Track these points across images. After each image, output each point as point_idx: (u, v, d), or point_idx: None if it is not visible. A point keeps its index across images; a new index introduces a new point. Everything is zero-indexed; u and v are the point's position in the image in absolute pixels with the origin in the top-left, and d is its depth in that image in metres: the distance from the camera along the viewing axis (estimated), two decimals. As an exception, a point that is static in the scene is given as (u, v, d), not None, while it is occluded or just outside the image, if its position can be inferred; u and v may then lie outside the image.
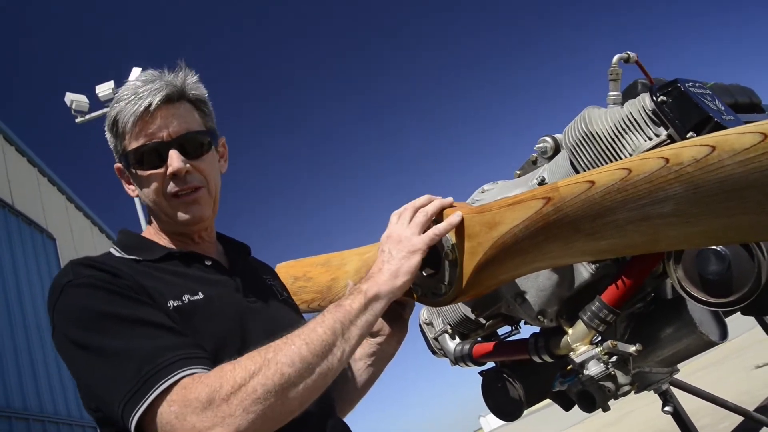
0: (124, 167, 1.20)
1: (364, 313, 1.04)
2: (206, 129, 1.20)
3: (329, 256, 1.72)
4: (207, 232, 1.24)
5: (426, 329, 1.78)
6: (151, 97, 1.11)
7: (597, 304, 1.24)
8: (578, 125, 1.22)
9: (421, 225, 1.15)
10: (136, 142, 1.14)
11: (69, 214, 12.88)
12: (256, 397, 0.87)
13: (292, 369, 0.91)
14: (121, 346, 0.93)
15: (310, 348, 0.94)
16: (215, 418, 0.86)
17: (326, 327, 0.98)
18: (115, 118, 1.15)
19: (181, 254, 1.17)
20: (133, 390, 0.89)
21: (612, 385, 1.24)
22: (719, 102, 1.16)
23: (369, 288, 1.06)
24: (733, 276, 1.02)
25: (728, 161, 0.81)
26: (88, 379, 0.98)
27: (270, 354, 0.92)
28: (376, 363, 1.38)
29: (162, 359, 0.91)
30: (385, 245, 1.15)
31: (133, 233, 1.23)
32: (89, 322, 0.96)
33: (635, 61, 1.26)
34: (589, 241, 1.01)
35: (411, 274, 1.11)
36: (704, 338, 1.27)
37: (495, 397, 1.71)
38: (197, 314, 1.05)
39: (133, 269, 1.08)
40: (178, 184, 1.14)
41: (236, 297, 1.15)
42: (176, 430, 0.87)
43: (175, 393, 0.88)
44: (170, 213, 1.16)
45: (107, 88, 13.96)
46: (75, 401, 9.95)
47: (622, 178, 0.91)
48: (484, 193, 1.48)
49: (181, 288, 1.08)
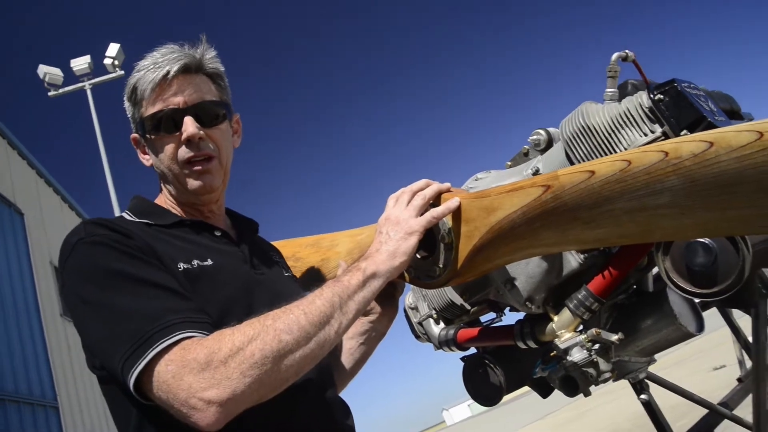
0: (140, 134, 1.22)
1: (361, 290, 1.06)
2: (221, 101, 1.24)
3: (319, 237, 1.73)
4: (217, 206, 1.27)
5: (411, 314, 1.81)
6: (170, 65, 1.15)
7: (583, 293, 1.29)
8: (576, 119, 1.26)
9: (419, 208, 1.18)
10: (153, 108, 1.17)
11: (39, 190, 12.59)
12: (254, 361, 0.89)
13: (290, 336, 0.93)
14: (125, 305, 0.95)
15: (308, 318, 0.96)
16: (212, 379, 0.87)
17: (324, 299, 1.00)
18: (134, 86, 1.18)
19: (192, 222, 1.20)
20: (133, 348, 0.90)
21: (594, 372, 1.29)
22: (711, 103, 1.21)
23: (368, 266, 1.09)
24: (719, 268, 1.08)
25: (725, 157, 0.85)
26: (91, 335, 0.99)
27: (269, 321, 0.94)
28: (368, 341, 1.42)
29: (164, 320, 0.92)
30: (383, 227, 1.17)
31: (146, 199, 1.26)
32: (97, 280, 0.98)
33: (633, 60, 1.30)
34: (585, 230, 1.05)
35: (408, 255, 1.13)
36: (683, 330, 1.32)
37: (476, 383, 1.75)
38: (205, 279, 1.07)
39: (144, 232, 1.10)
40: (191, 149, 1.17)
41: (244, 267, 1.18)
42: (172, 389, 0.88)
43: (174, 353, 0.90)
44: (182, 180, 1.19)
45: (83, 62, 13.66)
46: (37, 380, 9.78)
47: (622, 169, 0.95)
48: (477, 181, 1.51)
49: (190, 253, 1.10)
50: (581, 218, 1.03)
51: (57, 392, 10.20)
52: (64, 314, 11.65)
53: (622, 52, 1.31)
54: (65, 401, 10.42)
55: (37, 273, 10.92)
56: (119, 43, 13.87)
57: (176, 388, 0.88)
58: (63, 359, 11.00)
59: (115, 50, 13.76)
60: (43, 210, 12.34)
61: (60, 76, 13.57)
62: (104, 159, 12.70)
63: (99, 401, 12.14)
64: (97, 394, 12.13)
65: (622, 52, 1.30)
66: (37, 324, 10.38)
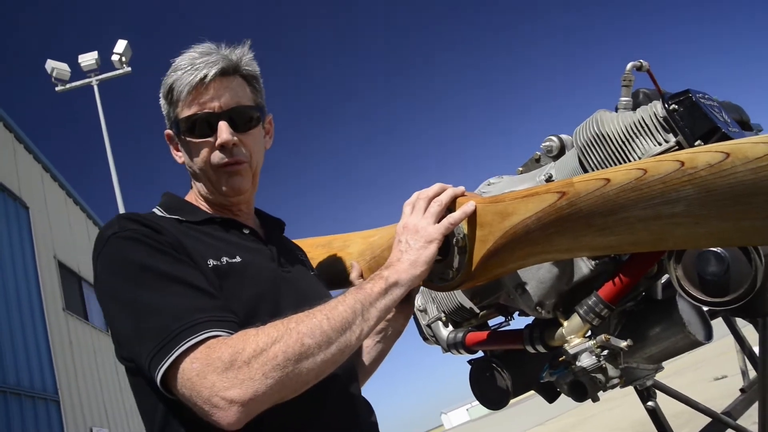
0: (175, 134, 1.25)
1: (383, 298, 1.08)
2: (256, 105, 1.26)
3: (331, 237, 1.75)
4: (246, 205, 1.30)
5: (419, 316, 1.83)
6: (207, 68, 1.16)
7: (593, 299, 1.30)
8: (590, 126, 1.27)
9: (437, 215, 1.19)
10: (189, 110, 1.19)
11: (44, 184, 12.62)
12: (276, 363, 0.91)
13: (312, 340, 0.95)
14: (155, 301, 0.97)
15: (330, 323, 0.98)
16: (235, 379, 0.89)
17: (347, 305, 1.02)
18: (171, 86, 1.20)
19: (221, 220, 1.23)
20: (160, 344, 0.92)
21: (602, 377, 1.30)
22: (726, 114, 1.22)
23: (390, 275, 1.11)
24: (731, 278, 1.09)
25: (741, 168, 0.86)
26: (121, 328, 1.01)
27: (292, 324, 0.96)
28: (385, 340, 1.44)
29: (191, 318, 0.94)
30: (402, 235, 1.19)
31: (176, 196, 1.29)
32: (129, 274, 1.00)
33: (647, 70, 1.32)
34: (598, 236, 1.06)
35: (429, 264, 1.15)
36: (691, 338, 1.33)
37: (482, 386, 1.76)
38: (234, 276, 1.09)
39: (175, 228, 1.12)
40: (225, 154, 1.19)
41: (272, 265, 1.20)
42: (196, 387, 0.90)
43: (200, 351, 0.91)
44: (214, 182, 1.22)
45: (90, 58, 13.74)
46: (39, 374, 9.80)
47: (638, 178, 0.96)
48: (490, 186, 1.52)
49: (219, 250, 1.13)
50: (595, 225, 1.04)
51: (58, 386, 10.22)
52: (66, 309, 11.69)
53: (637, 62, 1.32)
54: (66, 395, 10.44)
55: (41, 267, 10.95)
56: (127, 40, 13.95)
57: (200, 385, 0.89)
58: (65, 353, 11.04)
59: (123, 47, 13.84)
60: (48, 204, 12.38)
61: (67, 72, 13.65)
62: (109, 154, 12.76)
63: (100, 396, 12.18)
64: (98, 389, 12.16)
65: (636, 62, 1.32)
66: (40, 318, 10.41)
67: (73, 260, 12.83)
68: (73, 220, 13.99)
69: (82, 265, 13.23)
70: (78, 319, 12.29)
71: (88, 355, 12.32)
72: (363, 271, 1.48)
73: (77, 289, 12.94)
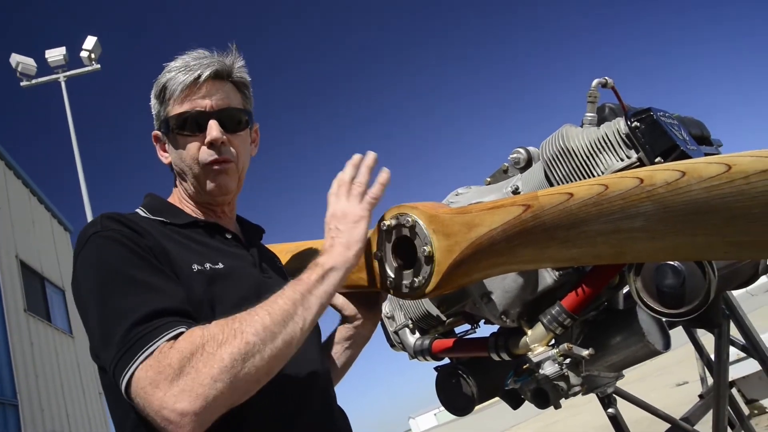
0: (164, 132, 1.27)
1: (321, 284, 1.09)
2: (245, 109, 1.29)
3: (300, 243, 1.75)
4: (229, 208, 1.32)
5: (387, 322, 1.84)
6: (202, 69, 1.20)
7: (557, 309, 1.33)
8: (556, 141, 1.31)
9: (360, 195, 1.22)
10: (180, 108, 1.22)
11: (7, 182, 12.30)
12: (224, 365, 0.90)
13: (256, 337, 0.95)
14: (122, 305, 0.97)
15: (272, 317, 0.98)
16: (185, 388, 0.88)
17: (286, 298, 1.03)
18: (164, 85, 1.23)
19: (205, 224, 1.24)
20: (121, 352, 0.93)
21: (565, 385, 1.33)
22: (684, 132, 1.26)
23: (325, 261, 1.12)
24: (686, 290, 1.13)
25: (695, 186, 0.90)
26: (91, 329, 1.02)
27: (236, 324, 0.96)
28: (353, 346, 1.46)
29: (151, 323, 0.94)
30: (330, 223, 1.20)
31: (159, 197, 1.30)
32: (104, 276, 1.01)
33: (611, 87, 1.36)
34: (561, 249, 1.09)
35: (362, 242, 1.18)
36: (650, 347, 1.38)
37: (448, 392, 1.78)
38: (218, 282, 1.11)
39: (158, 231, 1.13)
40: (213, 152, 1.22)
41: (254, 271, 1.22)
42: (148, 398, 0.89)
43: (153, 358, 0.91)
44: (200, 180, 1.23)
45: (58, 54, 13.46)
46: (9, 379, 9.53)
47: (599, 193, 0.99)
48: (458, 196, 1.55)
49: (203, 256, 1.14)
50: (558, 238, 1.07)
51: (17, 390, 9.94)
52: (28, 309, 11.39)
53: (602, 79, 1.36)
54: (25, 399, 10.16)
55: (1, 266, 10.66)
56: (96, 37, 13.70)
57: (151, 396, 0.88)
58: (25, 356, 10.74)
59: (92, 43, 13.59)
60: (10, 202, 12.06)
61: (33, 67, 13.35)
62: (76, 152, 12.50)
63: (61, 400, 11.87)
64: (59, 393, 11.85)
65: (602, 79, 1.36)
66: (0, 319, 10.12)
67: (35, 260, 12.51)
68: (36, 219, 13.64)
69: (45, 265, 12.91)
70: (40, 321, 11.98)
71: (50, 357, 12.01)
72: None
73: (40, 289, 12.61)
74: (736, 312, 1.81)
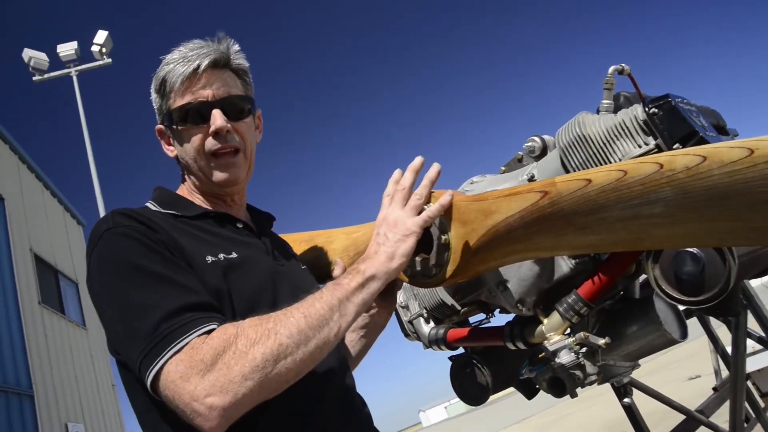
0: (167, 126, 1.26)
1: (360, 292, 1.08)
2: (247, 96, 1.27)
3: (314, 233, 1.75)
4: (239, 196, 1.30)
5: (401, 312, 1.84)
6: (200, 60, 1.19)
7: (573, 297, 1.33)
8: (572, 128, 1.30)
9: (416, 208, 1.19)
10: (182, 100, 1.20)
11: (21, 175, 12.41)
12: (256, 365, 0.91)
13: (290, 340, 0.95)
14: (145, 300, 0.97)
15: (308, 321, 0.98)
16: (216, 383, 0.89)
17: (324, 302, 1.02)
18: (163, 78, 1.21)
19: (216, 214, 1.23)
20: (150, 346, 0.93)
21: (581, 374, 1.33)
22: (703, 119, 1.25)
23: (366, 268, 1.11)
24: (706, 277, 1.12)
25: (716, 171, 0.89)
26: (112, 326, 1.01)
27: (270, 324, 0.96)
28: (368, 334, 1.46)
29: (180, 318, 0.94)
30: (380, 228, 1.18)
31: (169, 190, 1.29)
32: (121, 272, 1.00)
33: (628, 74, 1.34)
34: (579, 236, 1.08)
35: (406, 257, 1.15)
36: (667, 336, 1.37)
37: (463, 382, 1.78)
38: (232, 272, 1.10)
39: (170, 224, 1.12)
40: (219, 141, 1.21)
41: (266, 259, 1.21)
42: (178, 391, 0.90)
43: (184, 353, 0.92)
44: (207, 172, 1.22)
45: (70, 48, 13.53)
46: (12, 368, 9.65)
47: (618, 179, 0.98)
48: (473, 185, 1.55)
49: (216, 246, 1.13)
50: (576, 224, 1.06)
51: (32, 381, 10.07)
52: (42, 302, 11.51)
53: (618, 66, 1.35)
54: (41, 390, 10.29)
55: (16, 260, 10.77)
56: (107, 31, 13.76)
57: (182, 389, 0.89)
58: (40, 348, 10.87)
59: (103, 37, 13.66)
60: (24, 196, 12.18)
61: (45, 61, 13.43)
62: (88, 146, 12.58)
63: (75, 391, 12.01)
64: (73, 384, 11.99)
65: (618, 66, 1.34)
66: (15, 311, 10.24)
67: (49, 253, 12.63)
68: (50, 213, 13.76)
69: (59, 258, 13.03)
70: (54, 313, 12.11)
71: (64, 349, 12.15)
72: (346, 267, 1.49)
73: (54, 282, 12.74)
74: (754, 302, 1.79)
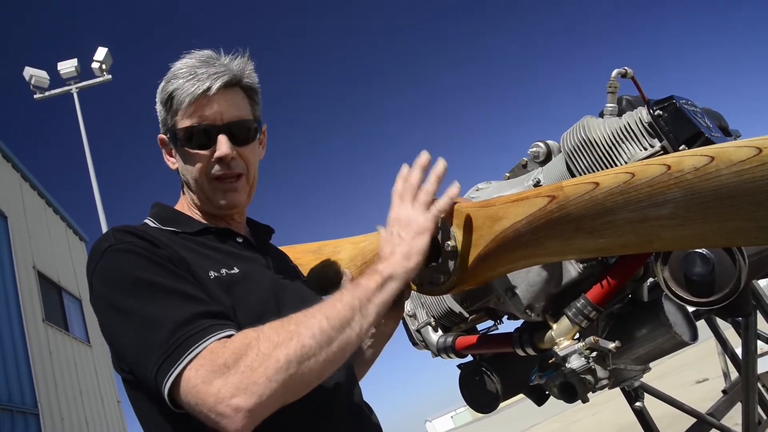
0: (170, 141, 1.24)
1: (380, 292, 1.07)
2: (254, 118, 1.25)
3: (321, 243, 1.75)
4: (239, 215, 1.29)
5: (409, 321, 1.84)
6: (211, 81, 1.15)
7: (582, 302, 1.32)
8: (577, 132, 1.30)
9: (426, 204, 1.19)
10: (189, 120, 1.18)
11: (23, 193, 12.43)
12: (279, 366, 0.90)
13: (313, 341, 0.94)
14: (156, 312, 0.96)
15: (330, 322, 0.98)
16: (240, 385, 0.88)
17: (345, 303, 1.02)
18: (171, 93, 1.18)
19: (216, 230, 1.22)
20: (165, 355, 0.91)
21: (592, 379, 1.32)
22: (708, 120, 1.25)
23: (384, 269, 1.10)
24: (716, 278, 1.12)
25: (725, 171, 0.89)
26: (121, 342, 1.00)
27: (292, 326, 0.96)
28: (376, 344, 1.45)
29: (194, 325, 0.94)
30: (393, 227, 1.18)
31: (167, 206, 1.27)
32: (127, 287, 0.99)
33: (631, 77, 1.35)
34: (587, 239, 1.08)
35: (422, 254, 1.15)
36: (677, 338, 1.36)
37: (472, 390, 1.77)
38: (236, 287, 1.09)
39: (171, 240, 1.11)
40: (222, 168, 1.19)
41: (268, 273, 1.20)
42: (201, 395, 0.89)
43: (203, 357, 0.91)
44: (209, 195, 1.21)
45: (70, 65, 13.62)
46: (17, 386, 9.61)
47: (626, 181, 0.98)
48: (479, 191, 1.55)
49: (218, 262, 1.12)
50: (584, 228, 1.06)
51: (38, 399, 10.03)
52: (46, 319, 11.50)
53: (622, 69, 1.35)
54: (46, 408, 10.24)
55: (19, 277, 10.76)
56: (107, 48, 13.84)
57: (205, 393, 0.88)
58: (45, 365, 10.84)
59: (103, 54, 13.74)
60: (27, 213, 12.18)
61: (46, 79, 13.52)
62: (90, 163, 12.63)
63: (80, 408, 11.96)
64: (78, 402, 11.95)
65: (621, 69, 1.35)
66: (19, 329, 10.21)
67: (52, 270, 12.63)
68: (52, 230, 13.77)
69: (62, 275, 13.02)
70: (58, 330, 12.08)
71: (69, 367, 12.11)
72: (354, 277, 1.48)
73: (57, 299, 12.72)
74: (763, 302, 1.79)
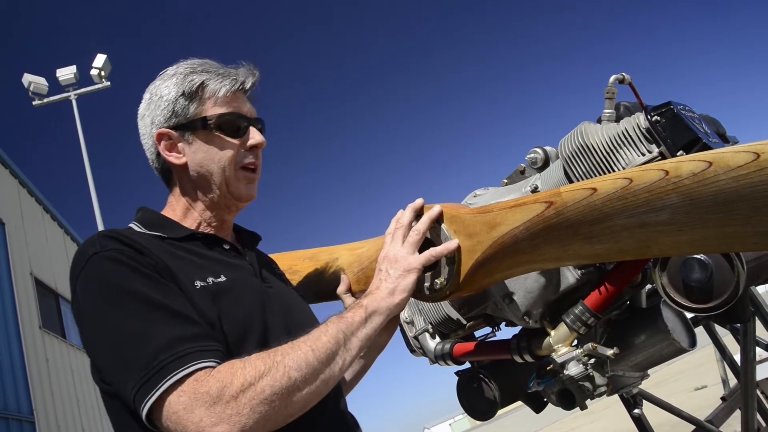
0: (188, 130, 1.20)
1: (364, 327, 1.09)
2: None
3: (317, 250, 1.75)
4: (231, 217, 1.29)
5: (406, 328, 1.82)
6: (246, 78, 1.23)
7: (580, 308, 1.31)
8: (574, 138, 1.30)
9: (415, 244, 1.22)
10: (222, 108, 1.20)
11: (21, 199, 12.41)
12: (264, 397, 0.90)
13: (299, 373, 0.95)
14: (139, 328, 0.94)
15: (315, 354, 0.98)
16: (222, 414, 0.88)
17: (330, 336, 1.03)
18: (201, 84, 1.20)
19: (203, 236, 1.21)
20: (147, 377, 0.90)
21: (590, 385, 1.31)
22: (705, 126, 1.25)
23: (369, 303, 1.12)
24: (714, 284, 1.11)
25: (723, 176, 0.88)
26: (101, 354, 0.99)
27: (278, 357, 0.95)
28: (367, 355, 1.45)
29: (178, 349, 0.92)
30: (382, 264, 1.21)
31: (154, 211, 1.26)
32: (111, 298, 0.98)
33: (629, 83, 1.35)
34: (585, 245, 1.08)
35: (408, 292, 1.17)
36: (676, 345, 1.35)
37: (470, 397, 1.76)
38: (222, 296, 1.08)
39: (157, 247, 1.10)
40: (253, 156, 1.23)
41: (254, 281, 1.19)
42: (182, 421, 0.88)
43: (187, 385, 0.90)
44: (232, 182, 1.21)
45: (69, 72, 13.64)
46: (13, 394, 9.56)
47: (623, 187, 0.98)
48: (476, 198, 1.54)
49: (204, 270, 1.11)
50: (582, 234, 1.06)
51: (33, 407, 9.97)
52: (43, 326, 11.45)
53: (619, 75, 1.35)
54: (42, 416, 10.18)
55: (16, 284, 10.72)
56: (106, 55, 13.86)
57: (186, 420, 0.88)
58: (41, 373, 10.78)
59: (102, 61, 13.76)
60: (24, 220, 12.16)
61: (45, 86, 13.53)
62: (88, 170, 12.62)
63: (77, 416, 11.90)
64: (75, 409, 11.88)
65: (619, 75, 1.35)
66: (15, 336, 10.17)
67: (50, 277, 12.59)
68: (50, 236, 13.74)
69: (60, 282, 12.98)
70: (55, 337, 12.03)
71: (66, 374, 12.05)
72: (351, 284, 1.48)
73: (54, 306, 12.68)
74: (762, 308, 1.78)
